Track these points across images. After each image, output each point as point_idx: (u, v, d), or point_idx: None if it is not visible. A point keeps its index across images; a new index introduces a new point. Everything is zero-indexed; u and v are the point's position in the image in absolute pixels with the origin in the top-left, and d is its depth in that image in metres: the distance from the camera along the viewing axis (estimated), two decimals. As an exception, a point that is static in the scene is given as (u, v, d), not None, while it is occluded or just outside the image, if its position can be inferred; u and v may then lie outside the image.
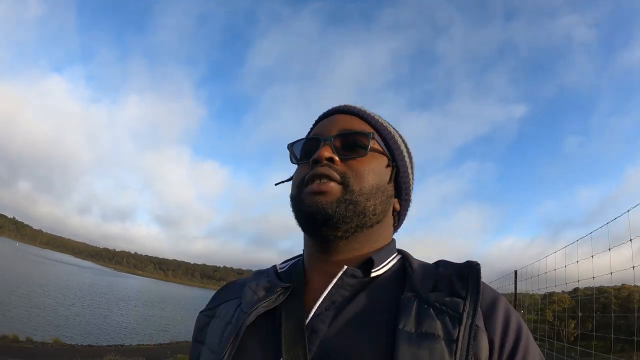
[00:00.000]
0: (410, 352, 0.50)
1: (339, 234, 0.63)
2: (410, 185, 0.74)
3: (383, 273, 0.64)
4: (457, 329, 0.51)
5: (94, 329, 17.64)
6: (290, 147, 0.73)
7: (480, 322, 0.54)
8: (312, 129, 0.77)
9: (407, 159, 0.74)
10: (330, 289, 0.60)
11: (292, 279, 0.67)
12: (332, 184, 0.62)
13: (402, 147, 0.73)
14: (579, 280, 4.98)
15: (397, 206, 0.72)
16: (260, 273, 0.73)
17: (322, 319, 0.57)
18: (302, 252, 0.74)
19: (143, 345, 14.27)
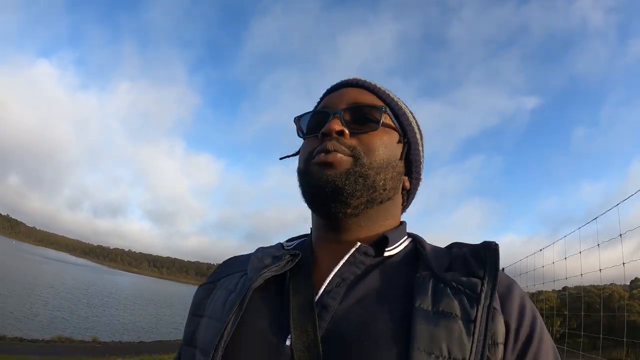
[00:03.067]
0: (428, 331, 0.48)
1: (349, 210, 0.61)
2: (421, 163, 0.72)
3: (396, 253, 0.62)
4: (475, 309, 0.50)
5: (120, 328, 18.45)
6: (297, 120, 0.70)
7: (497, 304, 0.53)
8: (319, 102, 0.74)
9: (418, 136, 0.71)
10: (342, 266, 0.58)
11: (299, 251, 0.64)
12: (341, 155, 0.60)
13: (414, 123, 0.71)
14: (566, 278, 4.80)
15: (407, 184, 0.70)
16: (265, 248, 0.69)
17: (333, 296, 0.55)
18: (309, 232, 0.71)
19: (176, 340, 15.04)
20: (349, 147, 0.61)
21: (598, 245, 4.06)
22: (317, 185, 0.60)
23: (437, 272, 0.55)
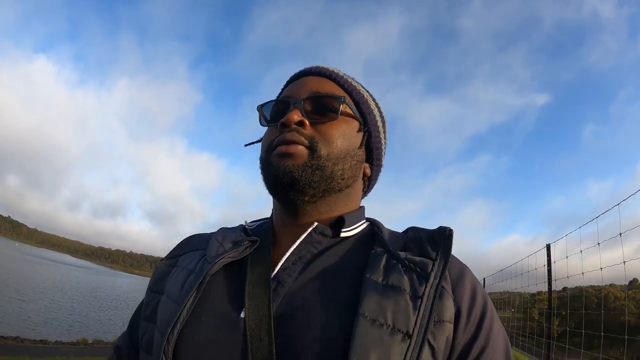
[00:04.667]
0: (374, 300, 0.50)
1: (306, 198, 0.62)
2: (382, 150, 0.73)
3: (353, 235, 0.64)
4: (424, 286, 0.52)
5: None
6: (260, 108, 0.70)
7: (447, 285, 0.55)
8: (282, 90, 0.74)
9: (379, 123, 0.72)
10: (299, 245, 0.60)
11: (259, 235, 0.66)
12: (300, 147, 0.61)
13: (375, 111, 0.72)
14: (568, 277, 4.83)
15: (368, 171, 0.71)
16: (227, 229, 0.69)
17: (289, 273, 0.57)
18: (270, 215, 0.73)
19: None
20: (308, 137, 0.62)
21: (598, 244, 4.01)
22: (275, 175, 0.61)
23: (391, 250, 0.57)
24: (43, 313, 18.86)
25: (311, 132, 0.63)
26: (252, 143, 0.75)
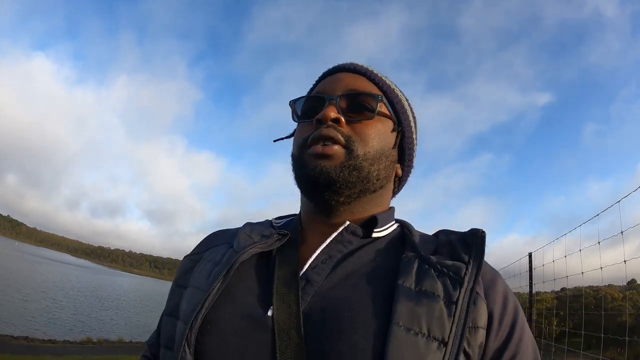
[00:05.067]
0: (409, 307, 0.49)
1: (341, 199, 0.61)
2: (413, 150, 0.73)
3: (384, 236, 0.63)
4: (458, 292, 0.51)
5: (145, 329, 19.15)
6: (293, 104, 0.69)
7: (480, 290, 0.54)
8: (314, 86, 0.73)
9: (412, 124, 0.72)
10: (329, 243, 0.60)
11: (288, 230, 0.65)
12: (337, 147, 0.60)
13: (408, 111, 0.71)
14: (567, 276, 4.76)
15: (400, 172, 0.71)
16: (254, 223, 0.69)
17: (318, 272, 0.56)
18: (298, 212, 0.72)
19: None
20: (344, 135, 0.61)
21: (599, 242, 3.91)
22: (311, 176, 0.60)
23: (423, 254, 0.56)
24: (46, 313, 18.96)
25: (347, 130, 0.62)
26: (282, 139, 0.73)
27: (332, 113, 0.62)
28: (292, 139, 0.71)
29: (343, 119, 0.62)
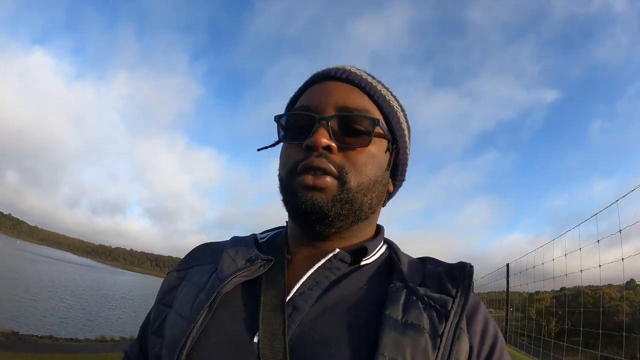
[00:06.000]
0: (394, 338, 0.49)
1: (332, 230, 0.60)
2: (406, 165, 0.70)
3: (371, 262, 0.62)
4: (443, 325, 0.51)
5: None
6: (278, 119, 0.65)
7: (463, 324, 0.54)
8: (301, 91, 0.67)
9: (407, 138, 0.68)
10: (317, 269, 0.58)
11: (273, 251, 0.63)
12: (329, 178, 0.57)
13: (404, 124, 0.67)
14: (566, 275, 4.82)
15: (391, 188, 0.68)
16: (238, 241, 0.67)
17: (305, 298, 0.55)
18: (284, 224, 0.70)
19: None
20: (337, 166, 0.58)
21: (598, 241, 3.99)
22: (303, 209, 0.57)
23: (411, 285, 0.55)
24: (56, 312, 19.32)
25: (340, 159, 0.59)
26: (266, 147, 0.69)
27: (324, 139, 0.58)
28: (277, 146, 0.68)
29: (335, 146, 0.58)
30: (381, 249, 0.66)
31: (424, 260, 0.63)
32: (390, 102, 0.65)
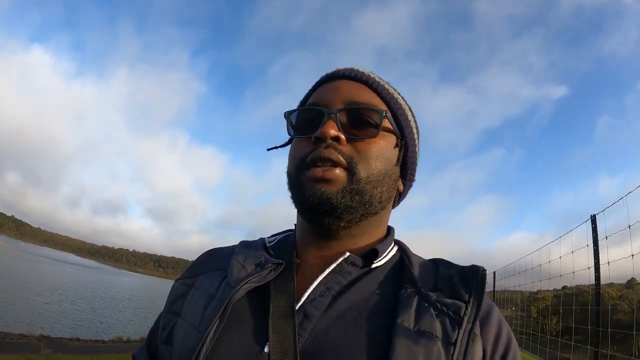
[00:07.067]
0: (407, 348, 0.48)
1: (342, 224, 0.60)
2: (416, 164, 0.70)
3: (383, 264, 0.62)
4: (457, 332, 0.50)
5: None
6: (288, 115, 0.65)
7: (477, 329, 0.53)
8: (310, 94, 0.69)
9: (415, 136, 0.68)
10: (327, 274, 0.58)
11: (282, 255, 0.63)
12: (337, 170, 0.57)
13: (412, 122, 0.68)
14: (573, 272, 4.75)
15: (401, 187, 0.68)
16: (247, 246, 0.67)
17: (316, 305, 0.55)
18: (292, 227, 0.70)
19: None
20: (345, 156, 0.58)
21: (606, 237, 3.93)
22: (311, 202, 0.58)
23: (422, 291, 0.55)
24: (69, 315, 19.77)
25: (348, 149, 0.59)
26: (276, 147, 0.70)
27: (332, 130, 0.58)
28: (286, 148, 0.68)
29: (344, 137, 0.59)
30: (392, 251, 0.65)
31: (436, 262, 0.63)
32: (398, 99, 0.67)
